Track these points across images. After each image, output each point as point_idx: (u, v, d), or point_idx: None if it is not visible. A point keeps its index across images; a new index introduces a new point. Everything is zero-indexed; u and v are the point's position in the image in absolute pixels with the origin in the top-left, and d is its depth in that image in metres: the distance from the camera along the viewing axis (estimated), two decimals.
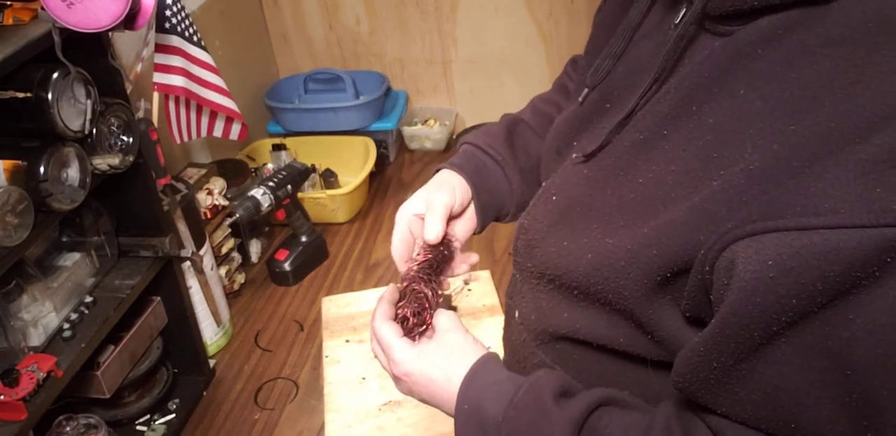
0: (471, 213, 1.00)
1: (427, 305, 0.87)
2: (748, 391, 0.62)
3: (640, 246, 0.69)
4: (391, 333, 0.84)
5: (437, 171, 1.02)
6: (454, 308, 1.81)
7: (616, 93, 0.82)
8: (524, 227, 0.89)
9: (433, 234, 0.92)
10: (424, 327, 0.86)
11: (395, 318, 0.87)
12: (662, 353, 0.75)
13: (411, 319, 0.86)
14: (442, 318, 0.86)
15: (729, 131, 0.64)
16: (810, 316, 0.56)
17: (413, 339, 0.85)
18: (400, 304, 0.88)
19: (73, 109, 1.36)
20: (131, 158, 1.53)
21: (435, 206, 0.94)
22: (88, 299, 1.56)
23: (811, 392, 0.58)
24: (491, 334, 1.68)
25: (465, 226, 1.00)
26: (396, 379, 0.85)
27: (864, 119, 0.56)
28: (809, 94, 0.60)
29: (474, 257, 1.00)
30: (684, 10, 0.71)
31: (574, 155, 0.83)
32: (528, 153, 1.06)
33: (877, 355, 0.55)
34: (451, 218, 0.97)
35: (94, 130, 1.42)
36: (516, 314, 0.93)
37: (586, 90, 0.85)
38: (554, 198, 0.85)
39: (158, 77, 1.88)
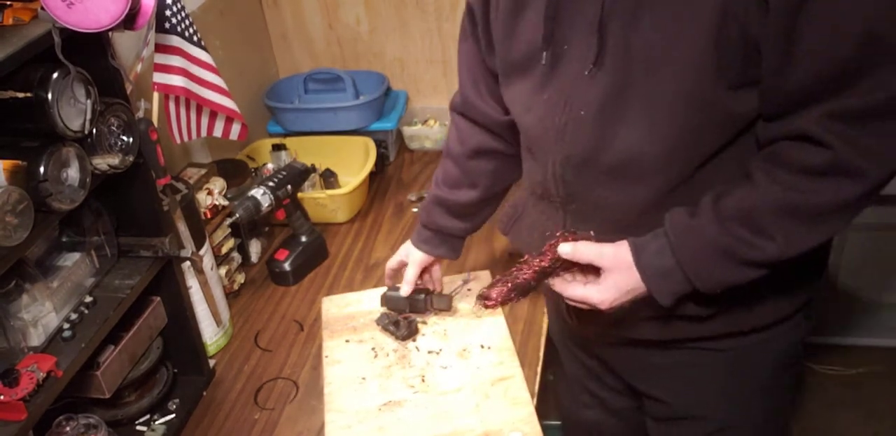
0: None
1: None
2: (810, 42, 0.90)
3: (702, 33, 0.89)
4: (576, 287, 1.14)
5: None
6: (454, 308, 1.81)
7: (567, 35, 0.97)
8: (567, 157, 1.04)
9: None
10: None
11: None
12: (734, 133, 1.00)
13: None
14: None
15: None
16: None
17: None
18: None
19: (73, 109, 1.37)
20: (131, 158, 1.53)
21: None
22: (88, 299, 1.56)
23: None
24: (492, 334, 1.68)
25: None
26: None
27: None
28: None
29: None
30: None
31: (585, 72, 0.97)
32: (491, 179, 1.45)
33: None
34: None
35: (94, 130, 1.42)
36: (592, 233, 1.14)
37: (544, 53, 0.99)
38: (582, 113, 0.99)
39: (158, 77, 1.88)
